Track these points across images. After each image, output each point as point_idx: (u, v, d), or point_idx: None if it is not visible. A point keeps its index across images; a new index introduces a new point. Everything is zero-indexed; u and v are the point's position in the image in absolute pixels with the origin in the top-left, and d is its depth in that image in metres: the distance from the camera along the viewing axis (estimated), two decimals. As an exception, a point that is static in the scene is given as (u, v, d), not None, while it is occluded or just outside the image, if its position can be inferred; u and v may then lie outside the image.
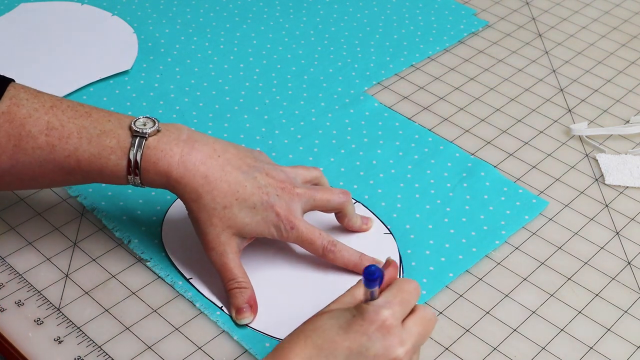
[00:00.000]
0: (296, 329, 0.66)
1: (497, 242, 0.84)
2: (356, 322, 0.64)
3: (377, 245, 0.83)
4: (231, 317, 0.76)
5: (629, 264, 0.84)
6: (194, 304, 0.77)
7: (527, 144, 0.97)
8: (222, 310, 0.76)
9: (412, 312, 0.67)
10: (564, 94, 1.05)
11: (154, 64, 1.04)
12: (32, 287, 0.77)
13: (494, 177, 0.91)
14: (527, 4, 1.22)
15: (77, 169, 0.74)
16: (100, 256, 0.81)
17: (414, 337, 0.65)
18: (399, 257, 0.82)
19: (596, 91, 1.06)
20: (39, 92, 0.76)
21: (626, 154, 0.96)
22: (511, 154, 0.96)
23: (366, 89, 1.03)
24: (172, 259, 0.80)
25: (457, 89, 1.05)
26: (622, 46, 1.15)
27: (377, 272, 0.63)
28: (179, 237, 0.82)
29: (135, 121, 0.75)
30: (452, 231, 0.85)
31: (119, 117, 0.76)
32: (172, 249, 0.81)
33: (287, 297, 0.77)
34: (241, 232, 0.76)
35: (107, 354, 0.72)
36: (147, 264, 0.80)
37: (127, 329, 0.75)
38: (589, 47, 1.14)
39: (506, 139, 0.98)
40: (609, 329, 0.78)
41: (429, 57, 1.10)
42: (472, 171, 0.92)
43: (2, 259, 0.80)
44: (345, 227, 0.83)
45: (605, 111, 1.03)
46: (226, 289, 0.76)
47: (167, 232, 0.83)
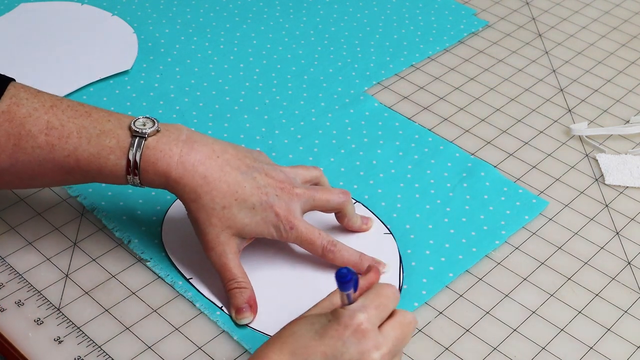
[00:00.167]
0: (273, 335, 0.66)
1: (497, 242, 0.84)
2: (331, 326, 0.63)
3: (377, 245, 0.83)
4: (231, 317, 0.76)
5: (629, 264, 0.84)
6: (194, 304, 0.77)
7: (527, 144, 0.97)
8: (222, 310, 0.76)
9: (390, 316, 0.66)
10: (564, 94, 1.05)
11: (154, 64, 1.04)
12: (32, 287, 0.77)
13: (494, 177, 0.91)
14: (527, 4, 1.22)
15: (77, 168, 0.74)
16: (100, 256, 0.81)
17: (390, 341, 0.65)
18: (399, 257, 0.82)
19: (596, 91, 1.06)
20: (39, 91, 0.76)
21: (626, 154, 0.96)
22: (511, 154, 0.96)
23: (366, 89, 1.03)
24: (172, 259, 0.80)
25: (457, 89, 1.05)
26: (622, 46, 1.15)
27: (350, 274, 0.62)
28: (179, 237, 0.82)
29: (135, 121, 0.75)
30: (452, 231, 0.85)
31: (119, 117, 0.76)
32: (172, 249, 0.81)
33: (287, 297, 0.77)
34: (241, 233, 0.76)
35: (107, 354, 0.72)
36: (147, 264, 0.80)
37: (127, 329, 0.75)
38: (589, 47, 1.14)
39: (506, 139, 0.98)
40: (609, 329, 0.78)
41: (429, 57, 1.10)
42: (472, 171, 0.92)
43: (2, 259, 0.80)
44: (345, 227, 0.83)
45: (605, 111, 1.03)
46: (226, 289, 0.76)
47: (167, 232, 0.83)
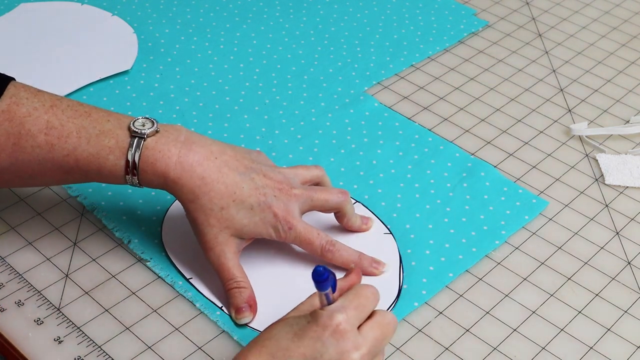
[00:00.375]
0: (253, 338, 0.66)
1: (497, 242, 0.84)
2: (310, 328, 0.63)
3: (377, 245, 0.83)
4: (231, 317, 0.76)
5: (629, 264, 0.84)
6: (194, 304, 0.77)
7: (527, 144, 0.97)
8: (222, 310, 0.76)
9: (370, 316, 0.66)
10: (564, 94, 1.05)
11: (154, 64, 1.04)
12: (32, 287, 0.77)
13: (494, 177, 0.91)
14: (527, 4, 1.22)
15: (76, 168, 0.75)
16: (100, 256, 0.81)
17: (369, 342, 0.64)
18: (399, 257, 0.82)
19: (596, 91, 1.06)
20: (39, 91, 0.76)
21: (626, 154, 0.96)
22: (511, 154, 0.96)
23: (366, 89, 1.03)
24: (172, 258, 0.80)
25: (457, 89, 1.05)
26: (622, 46, 1.15)
27: (326, 272, 0.62)
28: (179, 237, 0.82)
29: (134, 122, 0.75)
30: (452, 231, 0.85)
31: (118, 117, 0.76)
32: (172, 249, 0.81)
33: (287, 297, 0.77)
34: (239, 233, 0.76)
35: (107, 354, 0.72)
36: (147, 264, 0.80)
37: (127, 329, 0.75)
38: (589, 47, 1.14)
39: (506, 139, 0.98)
40: (609, 329, 0.78)
41: (429, 57, 1.10)
42: (472, 171, 0.92)
43: (2, 259, 0.80)
44: (344, 226, 0.83)
45: (605, 111, 1.03)
46: (225, 289, 0.76)
47: (167, 232, 0.83)
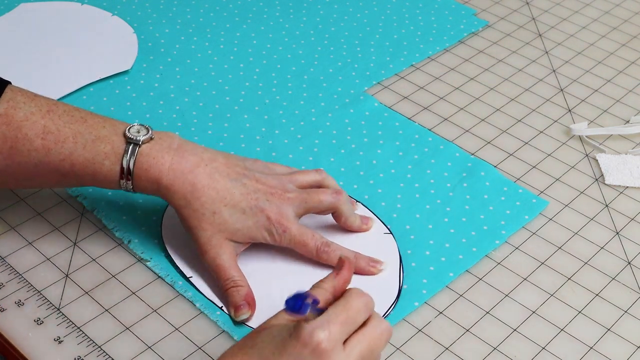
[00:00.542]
0: (237, 343, 0.65)
1: (497, 242, 0.84)
2: (291, 343, 0.61)
3: (377, 245, 0.83)
4: (230, 316, 0.76)
5: (629, 264, 0.84)
6: (194, 304, 0.77)
7: (527, 144, 0.97)
8: (222, 310, 0.76)
9: (361, 326, 0.64)
10: (564, 94, 1.05)
11: (154, 64, 1.04)
12: (32, 287, 0.77)
13: (494, 177, 0.91)
14: (527, 4, 1.22)
15: (71, 172, 0.76)
16: (100, 256, 0.81)
17: (354, 357, 0.62)
18: (399, 257, 0.82)
19: (596, 91, 1.06)
20: (35, 95, 0.77)
21: (626, 154, 0.96)
22: (511, 154, 0.96)
23: (366, 89, 1.03)
24: (172, 257, 0.80)
25: (457, 89, 1.05)
26: (622, 46, 1.15)
27: (298, 302, 0.59)
28: (179, 237, 0.82)
29: (129, 128, 0.76)
30: (452, 231, 0.85)
31: (114, 124, 0.77)
32: (172, 248, 0.81)
33: (286, 295, 0.77)
34: (233, 237, 0.77)
35: (107, 354, 0.72)
36: (147, 264, 0.80)
37: (127, 329, 0.75)
38: (589, 47, 1.14)
39: (506, 139, 0.98)
40: (609, 329, 0.78)
41: (429, 57, 1.10)
42: (472, 171, 0.92)
43: (2, 259, 0.80)
44: (343, 226, 0.83)
45: (605, 111, 1.03)
46: (222, 289, 0.76)
47: (167, 232, 0.83)
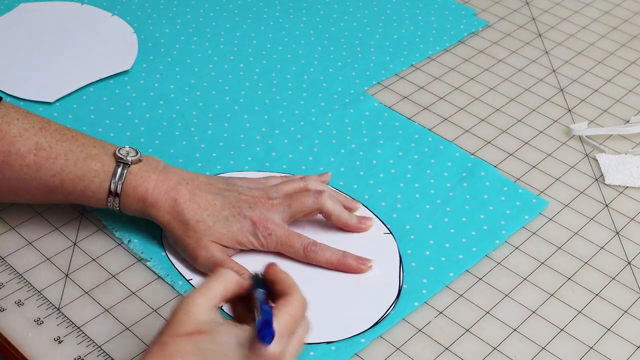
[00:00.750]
0: (173, 345, 0.61)
1: (497, 241, 0.84)
2: (241, 352, 0.60)
3: (377, 245, 0.83)
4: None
5: (629, 264, 0.84)
6: (194, 304, 0.77)
7: (527, 144, 0.97)
8: (222, 309, 0.76)
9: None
10: (564, 94, 1.05)
11: (154, 64, 1.04)
12: (32, 287, 0.77)
13: (494, 177, 0.91)
14: (527, 4, 1.22)
15: (60, 188, 0.78)
16: (100, 256, 0.81)
17: (290, 358, 0.63)
18: (399, 257, 0.82)
19: (596, 91, 1.06)
20: (28, 112, 0.79)
21: (626, 154, 0.96)
22: (511, 154, 0.96)
23: (366, 89, 1.03)
24: (171, 259, 0.80)
25: (457, 89, 1.05)
26: (622, 46, 1.15)
27: (269, 333, 0.60)
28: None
29: (119, 149, 0.79)
30: (452, 231, 0.85)
31: (104, 144, 0.80)
32: (172, 249, 0.81)
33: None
34: (220, 241, 0.78)
35: (107, 354, 0.72)
36: (147, 264, 0.80)
37: (127, 329, 0.75)
38: (589, 47, 1.14)
39: (506, 139, 0.98)
40: (609, 329, 0.78)
41: (429, 57, 1.10)
42: (472, 171, 0.92)
43: (2, 259, 0.80)
44: (338, 225, 0.82)
45: (605, 111, 1.03)
46: None
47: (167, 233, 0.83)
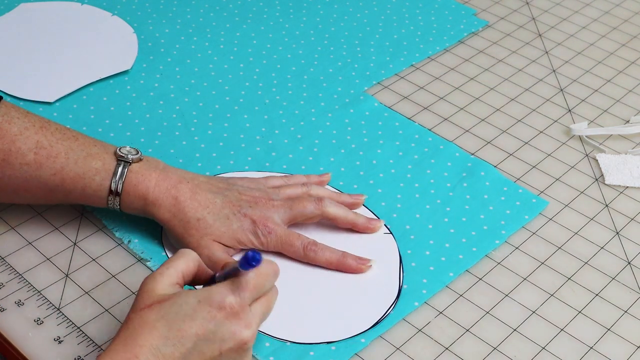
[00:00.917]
0: (132, 322, 0.64)
1: (497, 241, 0.84)
2: (203, 308, 0.64)
3: (377, 245, 0.83)
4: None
5: (629, 264, 0.84)
6: (194, 304, 0.77)
7: (527, 144, 0.97)
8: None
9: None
10: (564, 94, 1.05)
11: (154, 64, 1.04)
12: (32, 287, 0.77)
13: (494, 177, 0.91)
14: (527, 4, 1.22)
15: (61, 186, 0.78)
16: (100, 256, 0.81)
17: (258, 317, 0.67)
18: (399, 257, 0.82)
19: (596, 91, 1.06)
20: (27, 112, 0.79)
21: (626, 154, 0.96)
22: (511, 154, 0.96)
23: (366, 89, 1.03)
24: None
25: (457, 89, 1.05)
26: (622, 46, 1.15)
27: (258, 258, 0.63)
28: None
29: (120, 148, 0.79)
30: (452, 231, 0.85)
31: (104, 144, 0.80)
32: (172, 248, 0.81)
33: (286, 296, 0.77)
34: (221, 240, 0.78)
35: (107, 354, 0.72)
36: (147, 264, 0.80)
37: (127, 329, 0.75)
38: (589, 47, 1.14)
39: (506, 139, 0.98)
40: (609, 329, 0.78)
41: (429, 57, 1.10)
42: (472, 171, 0.92)
43: (2, 259, 0.80)
44: (345, 227, 0.83)
45: (605, 111, 1.03)
46: None
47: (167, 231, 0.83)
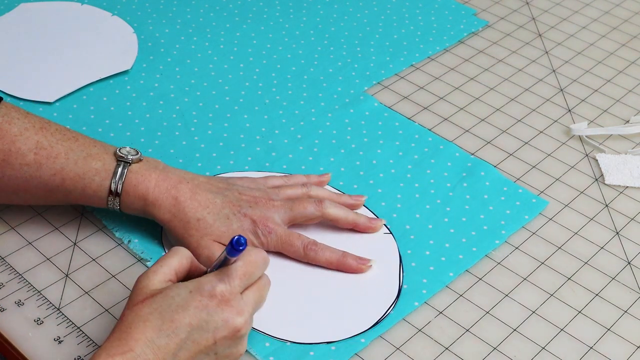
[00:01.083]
0: (127, 317, 0.65)
1: (497, 241, 0.84)
2: (194, 298, 0.65)
3: (377, 245, 0.83)
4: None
5: (629, 264, 0.84)
6: (194, 304, 0.77)
7: (527, 144, 0.97)
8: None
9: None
10: (564, 94, 1.05)
11: (154, 64, 1.04)
12: (32, 287, 0.77)
13: (494, 177, 0.91)
14: (527, 4, 1.22)
15: (61, 187, 0.78)
16: (100, 256, 0.81)
17: (251, 305, 0.68)
18: (399, 257, 0.82)
19: (596, 91, 1.06)
20: (28, 112, 0.79)
21: (626, 154, 0.96)
22: (511, 154, 0.96)
23: (366, 89, 1.03)
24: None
25: (457, 89, 1.05)
26: (622, 46, 1.15)
27: (244, 244, 0.65)
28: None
29: (119, 149, 0.79)
30: (452, 231, 0.85)
31: (104, 145, 0.80)
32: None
33: (286, 296, 0.77)
34: (221, 240, 0.78)
35: (107, 354, 0.72)
36: (147, 264, 0.80)
37: (127, 329, 0.75)
38: (589, 47, 1.14)
39: (506, 139, 0.98)
40: (609, 329, 0.78)
41: (429, 57, 1.10)
42: (472, 171, 0.92)
43: (2, 259, 0.80)
44: (346, 227, 0.83)
45: (605, 111, 1.03)
46: None
47: (167, 233, 0.83)
